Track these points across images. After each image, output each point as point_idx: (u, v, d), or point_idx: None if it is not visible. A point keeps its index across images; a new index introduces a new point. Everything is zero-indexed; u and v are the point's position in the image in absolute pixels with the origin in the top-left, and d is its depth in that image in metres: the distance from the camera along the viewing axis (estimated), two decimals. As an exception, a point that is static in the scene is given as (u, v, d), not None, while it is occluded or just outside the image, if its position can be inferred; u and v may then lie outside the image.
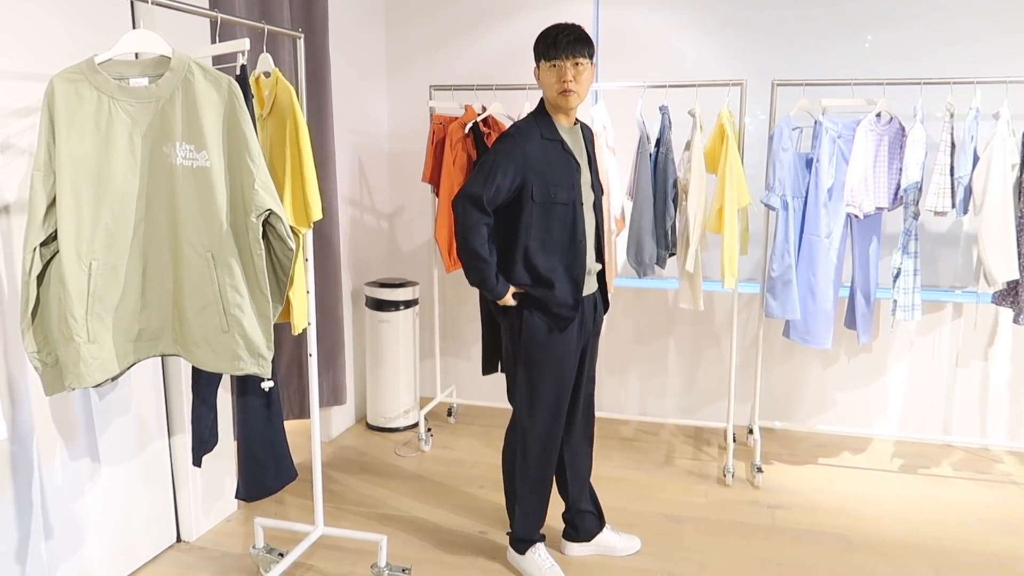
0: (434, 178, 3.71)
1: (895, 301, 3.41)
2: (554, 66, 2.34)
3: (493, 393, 4.35)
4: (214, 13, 1.97)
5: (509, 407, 2.63)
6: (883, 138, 3.37)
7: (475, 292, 3.87)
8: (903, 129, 3.38)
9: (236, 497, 2.32)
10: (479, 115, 3.69)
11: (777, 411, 4.09)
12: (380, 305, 3.94)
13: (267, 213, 1.85)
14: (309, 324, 2.47)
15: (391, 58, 4.36)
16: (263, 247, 1.86)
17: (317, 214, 2.12)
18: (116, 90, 1.76)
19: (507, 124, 3.81)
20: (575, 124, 2.53)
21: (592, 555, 2.81)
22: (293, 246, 1.91)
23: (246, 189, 1.82)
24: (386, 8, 4.32)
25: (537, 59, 2.41)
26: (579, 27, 2.36)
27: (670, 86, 3.47)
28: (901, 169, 3.37)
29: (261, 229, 1.85)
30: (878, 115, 3.35)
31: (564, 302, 2.45)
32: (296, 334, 2.21)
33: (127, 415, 2.63)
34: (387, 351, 3.97)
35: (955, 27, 3.70)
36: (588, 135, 2.61)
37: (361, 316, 4.13)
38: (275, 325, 2.01)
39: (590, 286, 2.58)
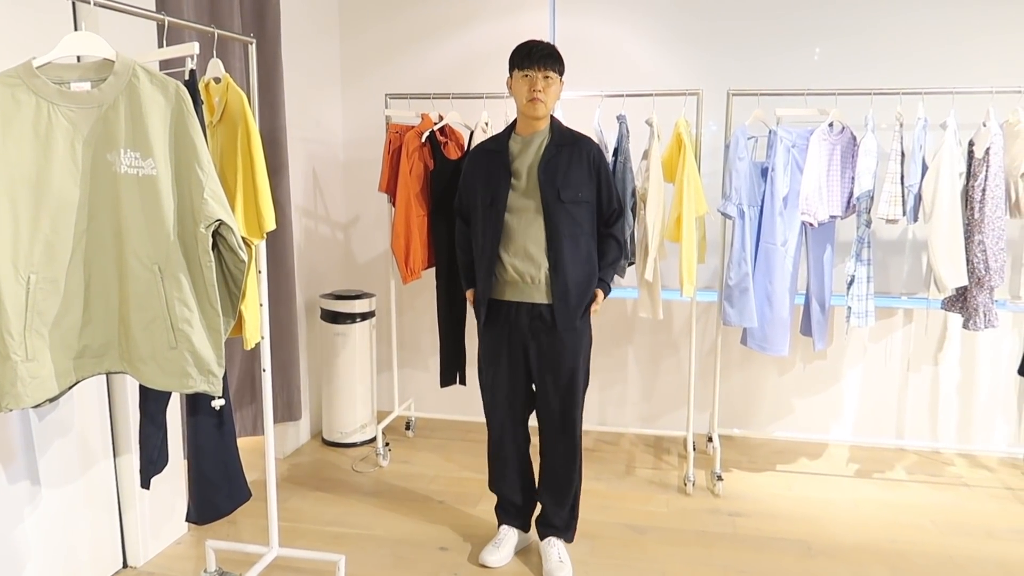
0: (390, 187, 3.65)
1: (849, 308, 3.45)
2: (526, 76, 2.54)
3: (451, 405, 4.29)
4: (161, 16, 1.90)
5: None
6: (836, 147, 3.42)
7: (433, 302, 3.82)
8: (855, 138, 3.44)
9: (187, 520, 2.22)
10: (436, 124, 3.65)
11: (735, 418, 4.11)
12: (335, 318, 3.86)
13: (217, 223, 1.78)
14: (263, 338, 2.39)
15: (346, 66, 4.30)
16: (213, 259, 1.78)
17: (270, 224, 2.05)
18: (56, 95, 1.68)
19: (464, 133, 3.79)
20: (547, 132, 2.62)
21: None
22: (245, 258, 1.84)
23: (195, 198, 1.75)
24: (340, 15, 4.26)
25: (511, 69, 2.61)
26: (552, 46, 2.58)
27: (627, 95, 3.47)
28: (854, 178, 3.42)
29: (211, 240, 1.78)
30: (831, 125, 3.40)
31: (479, 299, 2.70)
32: (248, 348, 2.13)
33: (69, 435, 2.51)
34: (343, 365, 3.89)
35: (904, 39, 3.79)
36: (578, 149, 2.60)
37: (316, 329, 4.04)
38: (226, 340, 1.94)
39: (524, 293, 2.61)
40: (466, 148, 3.66)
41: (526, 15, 4.06)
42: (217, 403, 1.91)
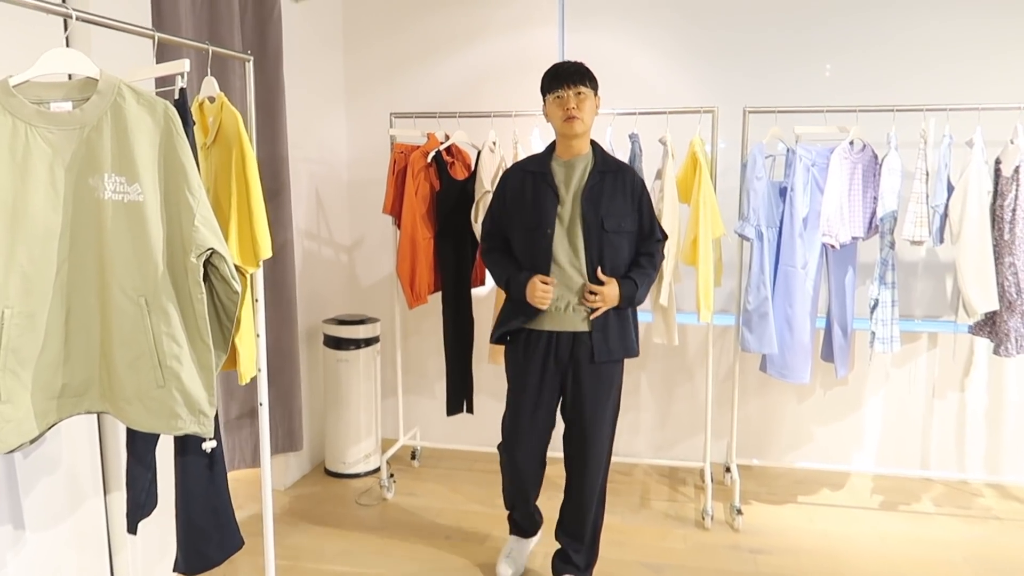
0: (395, 209, 3.53)
1: (873, 333, 3.31)
2: (558, 97, 2.49)
3: (459, 434, 4.15)
4: (151, 31, 1.79)
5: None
6: (857, 166, 3.30)
7: (439, 326, 3.69)
8: (876, 157, 3.31)
9: (175, 571, 2.08)
10: (442, 144, 3.54)
11: (753, 447, 3.96)
12: (339, 343, 3.74)
13: (209, 252, 1.65)
14: (259, 371, 2.26)
15: (350, 84, 4.20)
16: (204, 290, 1.66)
17: (266, 252, 1.93)
18: (34, 116, 1.56)
19: (471, 153, 3.67)
20: (591, 157, 2.57)
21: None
22: (239, 288, 1.72)
23: (184, 225, 1.63)
24: (344, 32, 4.16)
25: (544, 95, 2.56)
26: (580, 63, 2.54)
27: (640, 113, 3.35)
28: (876, 198, 3.30)
29: (202, 270, 1.66)
30: (851, 143, 3.27)
31: (517, 318, 2.59)
32: (243, 384, 2.00)
33: (57, 473, 2.37)
34: (346, 392, 3.76)
35: (926, 53, 3.67)
36: (621, 177, 2.56)
37: (318, 355, 3.91)
38: (221, 373, 1.82)
39: (563, 321, 2.54)
40: (473, 168, 3.55)
41: (534, 31, 3.96)
42: (208, 445, 1.78)
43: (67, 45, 2.34)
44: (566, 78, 2.47)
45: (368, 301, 4.29)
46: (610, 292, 2.48)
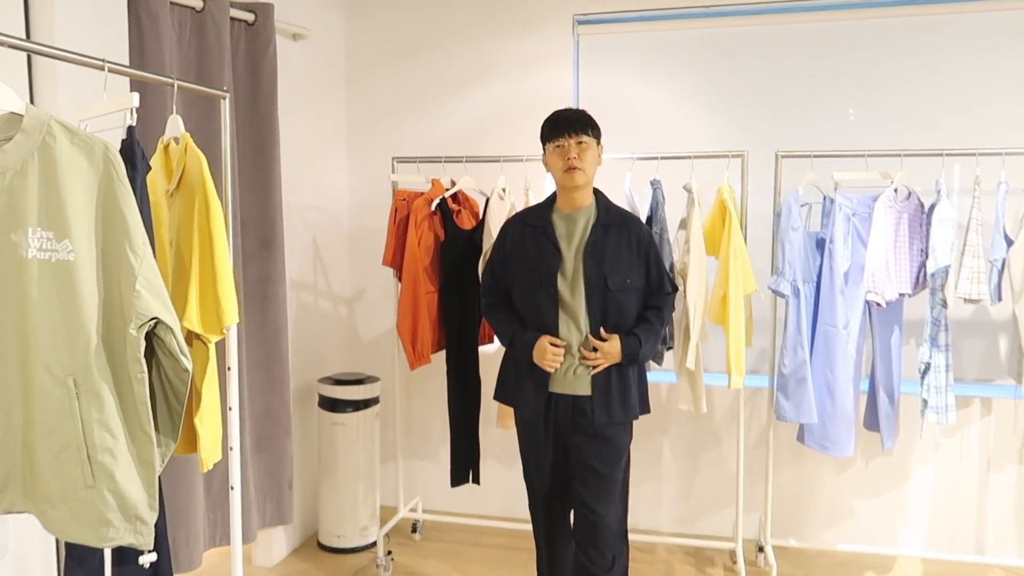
0: (396, 261, 3.26)
1: (925, 401, 2.98)
2: (558, 146, 2.37)
3: (464, 502, 3.82)
4: (102, 62, 1.53)
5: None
6: (902, 216, 3.00)
7: (443, 386, 3.38)
8: (923, 205, 3.02)
9: None
10: (447, 190, 3.27)
11: (787, 523, 3.59)
12: (334, 405, 3.43)
13: (152, 323, 1.37)
14: (231, 450, 1.96)
15: (352, 126, 3.97)
16: (145, 368, 1.37)
17: (231, 318, 1.65)
18: (-56, 159, 1.30)
19: (479, 200, 3.41)
20: (593, 209, 2.44)
21: None
22: (189, 366, 1.42)
23: (124, 290, 1.35)
24: (346, 71, 3.94)
25: (543, 144, 2.45)
26: (582, 110, 2.43)
27: (662, 158, 3.08)
28: (923, 250, 3.00)
29: (144, 344, 1.37)
30: (895, 190, 2.98)
31: (521, 381, 2.48)
32: (205, 471, 1.70)
33: (3, 560, 2.08)
34: (342, 458, 3.44)
35: (977, 92, 3.37)
36: (626, 230, 2.43)
37: (312, 417, 3.60)
38: (180, 457, 1.52)
39: (565, 384, 2.42)
40: (481, 217, 3.28)
41: (547, 72, 3.73)
42: (147, 559, 1.47)
43: (29, 80, 2.10)
44: (567, 126, 2.36)
45: (368, 358, 3.99)
46: (611, 349, 2.36)
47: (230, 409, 1.94)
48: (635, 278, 2.41)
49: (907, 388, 3.18)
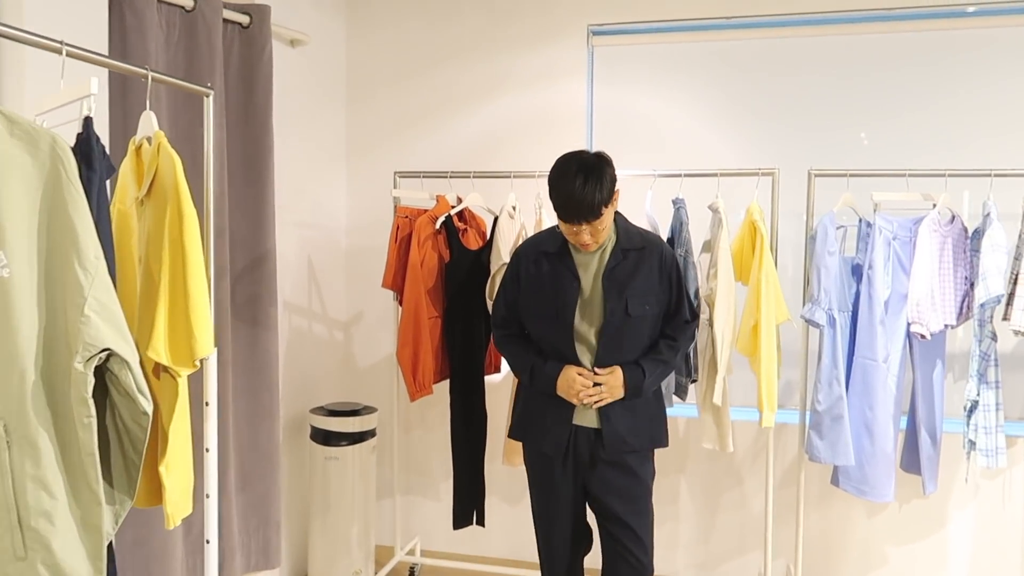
0: (397, 283, 3.02)
1: (972, 442, 2.74)
2: (571, 227, 2.18)
3: (466, 543, 3.55)
4: (60, 44, 1.30)
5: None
6: (946, 241, 2.77)
7: (446, 418, 3.13)
8: (966, 230, 2.80)
9: None
10: (453, 207, 3.05)
11: (815, 570, 3.32)
12: (328, 438, 3.17)
13: (104, 355, 1.13)
14: (208, 497, 1.71)
15: (352, 138, 3.74)
16: (94, 411, 1.12)
17: (205, 349, 1.40)
18: None
19: (487, 219, 3.19)
20: (613, 232, 2.28)
21: None
22: (148, 408, 1.18)
23: (70, 315, 1.11)
24: (348, 80, 3.73)
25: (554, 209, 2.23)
26: (591, 193, 2.08)
27: (686, 175, 2.86)
28: (967, 278, 2.77)
29: (93, 381, 1.12)
30: (938, 213, 2.76)
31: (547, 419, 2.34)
32: (170, 528, 1.44)
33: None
34: (336, 496, 3.17)
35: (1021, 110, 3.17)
36: (647, 253, 2.28)
37: (304, 451, 3.34)
38: (143, 509, 1.27)
39: (581, 415, 2.29)
40: (489, 236, 3.05)
41: (560, 84, 3.51)
42: (90, 643, 1.21)
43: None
44: (578, 215, 2.10)
45: (365, 387, 3.74)
46: (614, 382, 2.23)
47: (207, 450, 1.70)
48: (653, 304, 2.26)
49: (948, 426, 2.94)
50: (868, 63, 3.29)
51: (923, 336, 2.67)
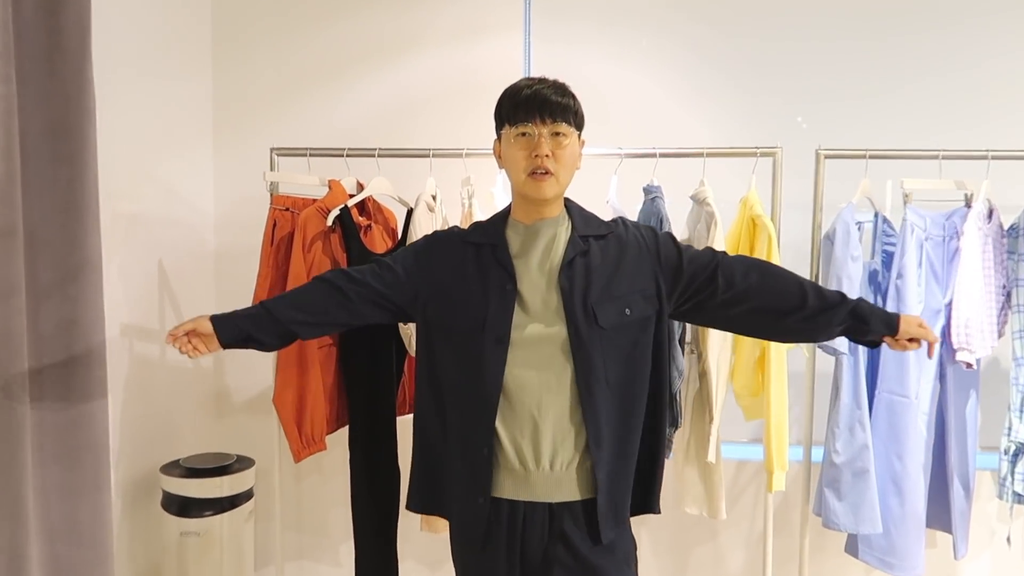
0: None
1: (1017, 494, 2.17)
2: (523, 135, 1.59)
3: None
4: None
5: None
6: (987, 241, 2.19)
7: (345, 466, 2.36)
8: (1002, 227, 2.23)
9: None
10: (352, 196, 2.29)
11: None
12: (186, 507, 2.37)
13: None
14: None
15: (220, 104, 2.93)
16: None
17: None
18: None
19: (398, 212, 2.44)
20: (565, 218, 1.65)
21: None
22: None
23: None
24: (215, 27, 2.91)
25: (499, 126, 1.65)
26: (562, 84, 1.61)
27: (661, 155, 2.18)
28: (1005, 286, 2.21)
29: None
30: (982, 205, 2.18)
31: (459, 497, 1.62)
32: None
33: None
34: (196, 583, 2.38)
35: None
36: (615, 238, 1.63)
37: (152, 527, 2.52)
38: None
39: (536, 488, 1.55)
40: (400, 236, 2.32)
41: (488, 42, 2.83)
42: None
43: None
44: (539, 107, 1.55)
45: (240, 430, 2.93)
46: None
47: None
48: (640, 305, 1.59)
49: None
50: (886, 20, 2.68)
51: (969, 365, 2.08)
